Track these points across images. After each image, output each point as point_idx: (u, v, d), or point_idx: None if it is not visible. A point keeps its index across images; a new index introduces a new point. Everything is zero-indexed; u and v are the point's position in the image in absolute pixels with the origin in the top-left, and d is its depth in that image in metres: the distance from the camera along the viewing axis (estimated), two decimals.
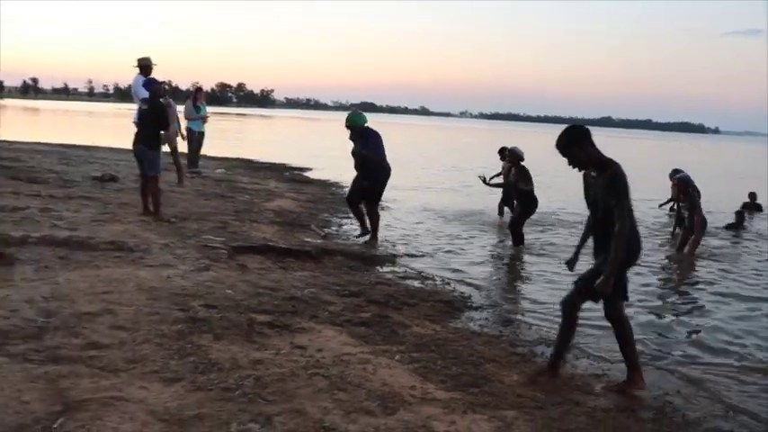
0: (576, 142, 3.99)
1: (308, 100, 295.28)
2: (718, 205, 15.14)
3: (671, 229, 10.77)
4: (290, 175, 16.39)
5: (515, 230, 9.00)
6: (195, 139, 13.35)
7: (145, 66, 9.79)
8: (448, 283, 6.71)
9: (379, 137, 8.31)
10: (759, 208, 14.26)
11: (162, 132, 8.32)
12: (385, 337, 4.54)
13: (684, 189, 9.14)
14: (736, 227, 12.01)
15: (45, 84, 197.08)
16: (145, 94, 8.58)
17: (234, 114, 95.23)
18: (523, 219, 9.06)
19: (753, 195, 14.52)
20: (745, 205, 13.79)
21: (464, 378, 3.93)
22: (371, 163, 8.21)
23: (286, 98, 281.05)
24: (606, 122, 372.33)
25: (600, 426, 3.48)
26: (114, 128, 38.20)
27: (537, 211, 9.29)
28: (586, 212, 4.25)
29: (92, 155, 15.77)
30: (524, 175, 8.90)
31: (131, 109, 11.07)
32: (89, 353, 3.63)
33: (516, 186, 9.01)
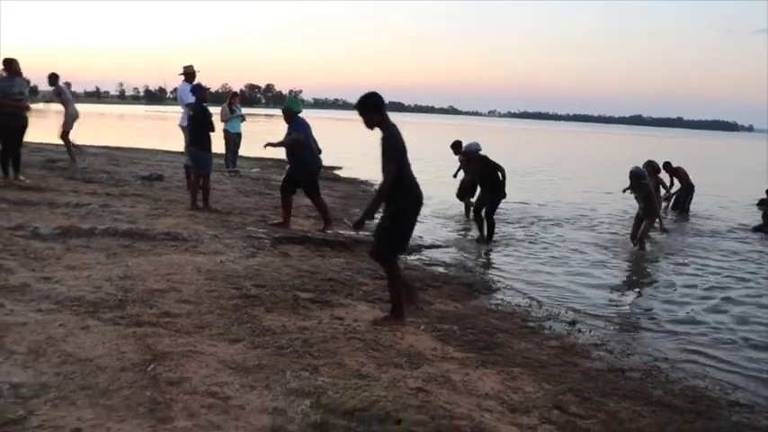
0: (371, 107, 4.69)
1: (336, 100, 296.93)
2: (736, 202, 15.46)
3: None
4: (321, 174, 17.03)
5: (492, 220, 9.45)
6: (232, 140, 14.22)
7: (189, 73, 10.59)
8: (470, 270, 7.37)
9: (309, 127, 8.40)
10: None
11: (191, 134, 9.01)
12: (411, 312, 5.21)
13: (637, 181, 9.38)
14: (765, 228, 11.60)
15: (77, 87, 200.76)
16: (191, 99, 9.31)
17: (263, 115, 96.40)
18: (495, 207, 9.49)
19: None
20: (761, 201, 13.95)
21: (479, 343, 4.61)
22: (298, 148, 8.34)
23: (314, 98, 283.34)
24: (637, 121, 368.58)
25: (592, 381, 4.13)
26: (149, 130, 39.64)
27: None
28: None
29: (135, 156, 16.70)
30: (495, 166, 9.35)
31: (161, 111, 11.91)
32: (164, 320, 4.37)
33: (490, 177, 9.38)
